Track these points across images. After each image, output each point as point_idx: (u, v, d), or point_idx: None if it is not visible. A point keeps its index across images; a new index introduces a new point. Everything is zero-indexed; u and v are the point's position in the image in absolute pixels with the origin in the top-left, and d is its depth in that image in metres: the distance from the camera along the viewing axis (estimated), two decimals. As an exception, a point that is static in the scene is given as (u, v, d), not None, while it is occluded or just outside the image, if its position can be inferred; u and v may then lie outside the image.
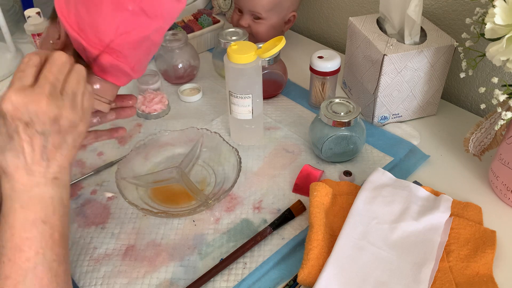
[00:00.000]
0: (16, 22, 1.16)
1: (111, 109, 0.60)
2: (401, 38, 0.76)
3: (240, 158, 0.68)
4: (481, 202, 0.65)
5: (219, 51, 0.93)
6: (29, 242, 0.45)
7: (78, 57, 0.52)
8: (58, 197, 0.48)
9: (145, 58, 0.54)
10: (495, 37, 0.56)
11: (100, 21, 0.48)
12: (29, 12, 0.94)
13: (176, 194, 0.68)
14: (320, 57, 0.81)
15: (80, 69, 0.48)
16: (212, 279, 0.57)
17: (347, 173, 0.70)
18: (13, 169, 0.45)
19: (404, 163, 0.73)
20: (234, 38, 0.89)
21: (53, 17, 0.56)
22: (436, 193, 0.65)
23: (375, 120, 0.81)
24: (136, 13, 0.48)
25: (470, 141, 0.67)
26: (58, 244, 0.47)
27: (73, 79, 0.47)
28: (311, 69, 0.82)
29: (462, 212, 0.63)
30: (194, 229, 0.64)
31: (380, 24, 0.81)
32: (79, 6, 0.48)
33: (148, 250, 0.61)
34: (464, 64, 0.65)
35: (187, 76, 0.95)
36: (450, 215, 0.62)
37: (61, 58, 0.47)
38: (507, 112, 0.57)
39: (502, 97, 0.57)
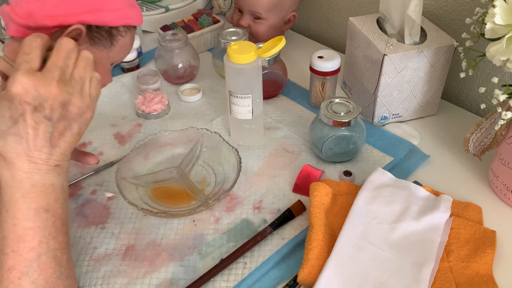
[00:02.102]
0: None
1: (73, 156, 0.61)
2: (401, 38, 0.76)
3: (240, 158, 0.68)
4: (481, 202, 0.65)
5: (219, 51, 0.93)
6: (32, 231, 0.45)
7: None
8: (59, 184, 0.47)
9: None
10: (495, 37, 0.56)
11: None
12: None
13: (176, 194, 0.68)
14: (320, 57, 0.81)
15: (87, 55, 0.48)
16: (212, 279, 0.57)
17: (347, 173, 0.70)
18: (14, 155, 0.44)
19: (404, 163, 0.73)
20: (234, 38, 0.89)
21: None
22: (436, 193, 0.65)
23: (375, 120, 0.81)
24: None
25: (470, 141, 0.67)
26: (61, 232, 0.47)
27: (81, 65, 0.47)
28: (311, 69, 0.82)
29: (462, 212, 0.63)
30: (194, 229, 0.64)
31: (380, 24, 0.81)
32: None
33: (148, 250, 0.61)
34: (464, 64, 0.65)
35: (187, 76, 0.95)
36: (450, 215, 0.62)
37: (68, 44, 0.46)
38: (507, 112, 0.57)
39: (502, 97, 0.57)
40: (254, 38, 0.97)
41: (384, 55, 0.72)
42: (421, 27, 0.77)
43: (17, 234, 0.44)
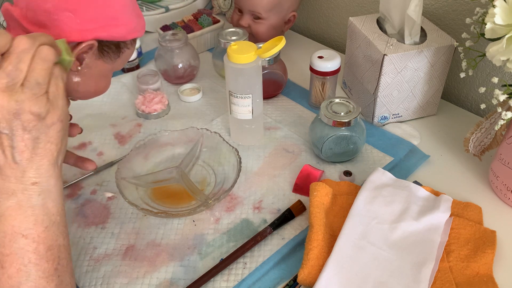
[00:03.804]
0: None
1: (71, 161, 0.60)
2: (401, 38, 0.76)
3: (240, 158, 0.68)
4: (481, 202, 0.65)
5: (219, 51, 0.93)
6: (10, 258, 0.41)
7: None
8: (40, 205, 0.42)
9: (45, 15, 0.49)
10: (495, 37, 0.56)
11: None
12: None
13: (176, 194, 0.68)
14: (320, 57, 0.81)
15: (45, 53, 0.42)
16: (212, 279, 0.57)
17: (347, 173, 0.70)
18: None
19: (404, 163, 0.73)
20: (234, 38, 0.89)
21: None
22: (436, 193, 0.65)
23: (375, 120, 0.81)
24: None
25: (470, 141, 0.67)
26: (46, 258, 0.42)
27: (38, 68, 0.41)
28: (311, 69, 0.82)
29: (462, 212, 0.63)
30: (194, 229, 0.64)
31: (380, 24, 0.81)
32: None
33: (148, 250, 0.61)
34: (464, 64, 0.65)
35: (187, 76, 0.95)
36: (450, 215, 0.62)
37: (21, 45, 0.40)
38: (507, 112, 0.57)
39: (502, 97, 0.57)
40: (254, 38, 0.97)
41: (384, 55, 0.72)
42: (421, 27, 0.77)
43: None
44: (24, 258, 0.41)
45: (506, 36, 0.54)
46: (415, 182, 0.67)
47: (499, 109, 0.60)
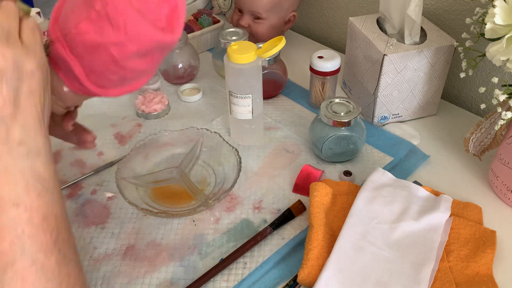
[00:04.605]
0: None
1: (73, 132, 0.56)
2: (401, 38, 0.76)
3: (240, 158, 0.68)
4: (481, 202, 0.65)
5: (219, 51, 0.93)
6: (1, 232, 0.36)
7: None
8: (29, 168, 0.38)
9: (104, 72, 0.46)
10: (495, 37, 0.56)
11: (70, 9, 0.43)
12: (29, 12, 0.93)
13: (176, 194, 0.68)
14: (320, 57, 0.81)
15: (5, 3, 0.40)
16: (212, 279, 0.57)
17: (347, 173, 0.70)
18: None
19: (404, 163, 0.73)
20: (234, 38, 0.89)
21: None
22: (436, 193, 0.65)
23: (375, 120, 0.81)
24: (101, 16, 0.42)
25: (470, 141, 0.67)
26: (42, 230, 0.38)
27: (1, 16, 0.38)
28: (311, 69, 0.82)
29: (462, 212, 0.63)
30: (194, 229, 0.64)
31: (380, 24, 0.81)
32: None
33: (148, 250, 0.61)
34: (464, 64, 0.65)
35: (187, 76, 0.95)
36: (450, 215, 0.62)
37: None
38: (507, 112, 0.57)
39: (502, 97, 0.57)
40: (254, 38, 0.97)
41: (384, 55, 0.72)
42: (421, 27, 0.77)
43: None
44: (17, 230, 0.36)
45: (506, 36, 0.54)
46: (415, 182, 0.67)
47: (499, 109, 0.60)
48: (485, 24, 0.55)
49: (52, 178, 0.40)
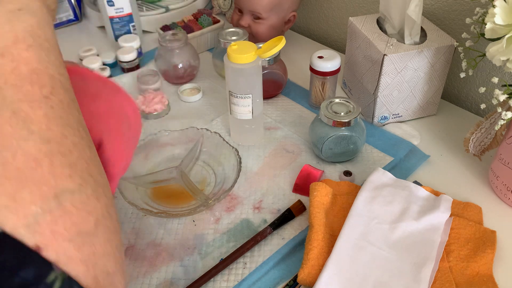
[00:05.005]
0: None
1: None
2: (401, 38, 0.76)
3: (240, 158, 0.68)
4: (481, 202, 0.65)
5: (219, 51, 0.93)
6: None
7: None
8: (20, 21, 0.32)
9: None
10: (495, 37, 0.56)
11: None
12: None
13: (176, 194, 0.68)
14: (320, 57, 0.81)
15: None
16: (212, 279, 0.57)
17: (347, 173, 0.70)
18: None
19: (404, 163, 0.73)
20: (234, 38, 0.89)
21: None
22: (436, 193, 0.65)
23: (375, 120, 0.81)
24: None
25: (470, 141, 0.67)
26: (30, 82, 0.30)
27: None
28: (311, 69, 0.82)
29: (462, 212, 0.63)
30: (194, 229, 0.64)
31: (380, 24, 0.81)
32: None
33: (148, 250, 0.61)
34: (464, 64, 0.65)
35: (187, 76, 0.95)
36: (450, 215, 0.62)
37: None
38: (507, 112, 0.57)
39: (502, 97, 0.57)
40: (254, 38, 0.97)
41: (384, 55, 0.72)
42: (421, 27, 0.77)
43: None
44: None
45: (506, 36, 0.54)
46: (415, 182, 0.67)
47: (499, 109, 0.60)
48: (485, 24, 0.55)
49: (49, 40, 0.34)
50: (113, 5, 1.01)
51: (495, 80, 0.58)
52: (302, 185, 0.69)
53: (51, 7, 0.37)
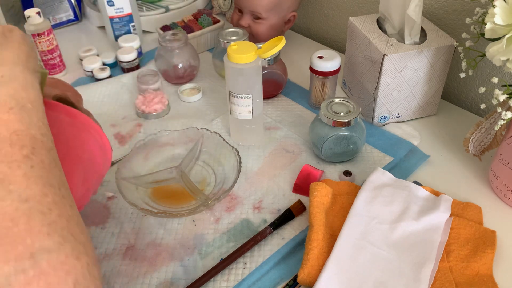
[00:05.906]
0: (16, 22, 1.17)
1: None
2: (401, 38, 0.76)
3: (240, 158, 0.68)
4: (481, 202, 0.65)
5: (219, 51, 0.93)
6: None
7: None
8: (3, 87, 0.35)
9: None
10: (495, 37, 0.56)
11: None
12: (29, 12, 0.94)
13: (176, 194, 0.68)
14: (320, 57, 0.81)
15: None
16: (212, 279, 0.57)
17: (347, 173, 0.70)
18: None
19: (404, 163, 0.73)
20: (234, 38, 0.89)
21: None
22: (436, 193, 0.65)
23: (375, 120, 0.81)
24: None
25: (470, 141, 0.67)
26: (10, 143, 0.32)
27: None
28: (311, 69, 0.82)
29: (462, 212, 0.63)
30: (194, 229, 0.64)
31: (380, 24, 0.81)
32: None
33: (148, 250, 0.61)
34: (464, 64, 0.65)
35: (187, 76, 0.95)
36: (450, 215, 0.62)
37: None
38: (507, 112, 0.57)
39: (502, 97, 0.57)
40: (254, 38, 0.97)
41: (384, 55, 0.72)
42: (421, 27, 0.77)
43: None
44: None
45: (506, 36, 0.54)
46: (415, 182, 0.67)
47: (499, 109, 0.60)
48: (485, 24, 0.55)
49: (32, 101, 0.36)
50: (113, 5, 1.01)
51: (495, 80, 0.58)
52: (302, 185, 0.69)
53: (34, 69, 0.38)
